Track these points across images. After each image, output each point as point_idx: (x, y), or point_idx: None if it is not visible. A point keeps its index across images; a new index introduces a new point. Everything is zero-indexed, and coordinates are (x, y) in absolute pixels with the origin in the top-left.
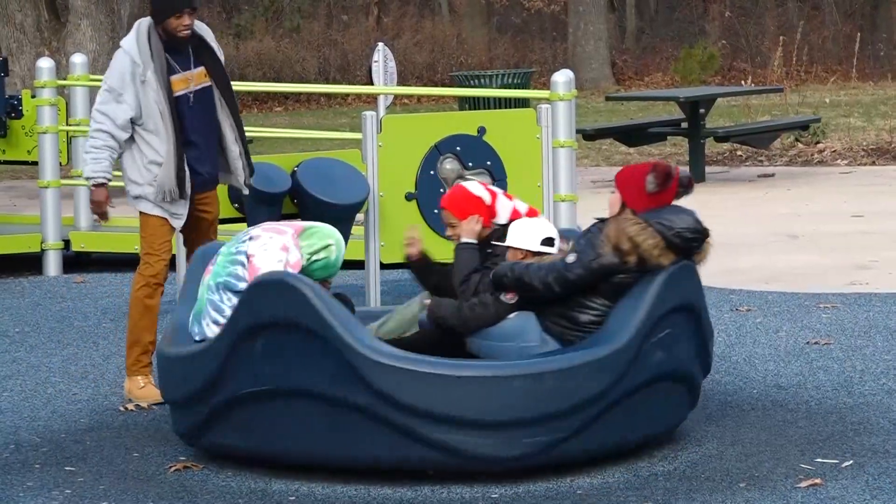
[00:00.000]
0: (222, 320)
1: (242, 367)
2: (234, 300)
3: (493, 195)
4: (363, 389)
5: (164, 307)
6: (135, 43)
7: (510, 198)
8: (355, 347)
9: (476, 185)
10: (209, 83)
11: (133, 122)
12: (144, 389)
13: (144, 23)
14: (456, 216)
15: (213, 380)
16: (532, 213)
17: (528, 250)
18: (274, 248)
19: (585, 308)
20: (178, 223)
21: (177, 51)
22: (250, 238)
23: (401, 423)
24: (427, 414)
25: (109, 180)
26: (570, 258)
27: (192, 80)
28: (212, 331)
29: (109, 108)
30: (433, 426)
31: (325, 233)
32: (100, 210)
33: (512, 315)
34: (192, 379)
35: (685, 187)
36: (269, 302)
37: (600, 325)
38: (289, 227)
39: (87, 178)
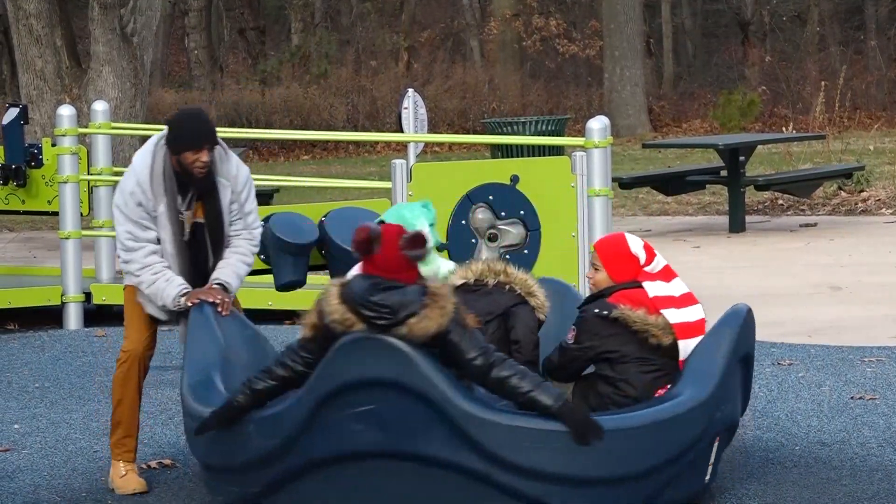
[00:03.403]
0: None
1: (326, 429)
2: None
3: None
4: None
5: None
6: None
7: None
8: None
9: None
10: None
11: None
12: (125, 478)
13: None
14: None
15: (289, 443)
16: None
17: None
18: None
19: None
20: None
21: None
22: None
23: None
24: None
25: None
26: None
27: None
28: None
29: None
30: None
31: None
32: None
33: None
34: (260, 443)
35: (410, 248)
36: (358, 361)
37: None
38: None
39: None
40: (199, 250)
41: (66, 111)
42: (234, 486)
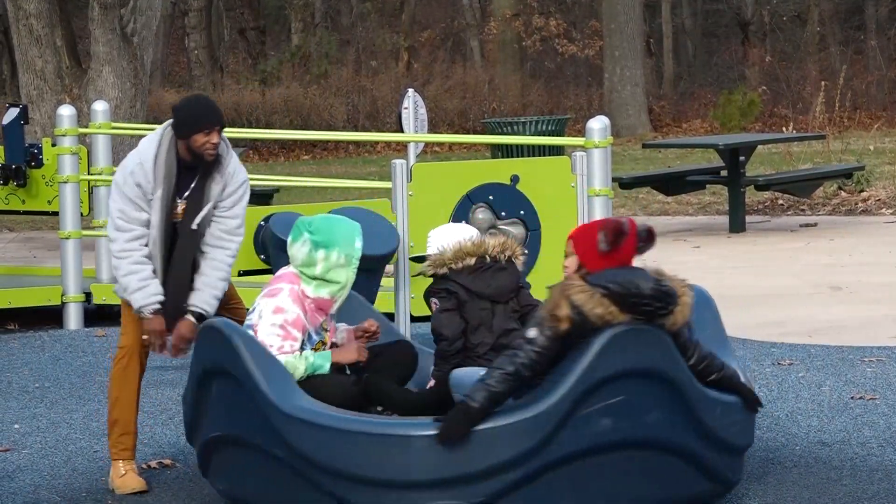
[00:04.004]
0: None
1: (581, 424)
2: None
3: None
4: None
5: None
6: None
7: None
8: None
9: None
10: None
11: None
12: (124, 477)
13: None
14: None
15: (542, 443)
16: None
17: None
18: (268, 314)
19: None
20: None
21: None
22: (253, 309)
23: None
24: None
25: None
26: (531, 333)
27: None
28: None
29: None
30: None
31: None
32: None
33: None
34: (507, 448)
35: (645, 242)
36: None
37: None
38: (279, 282)
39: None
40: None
41: (66, 111)
42: (441, 499)
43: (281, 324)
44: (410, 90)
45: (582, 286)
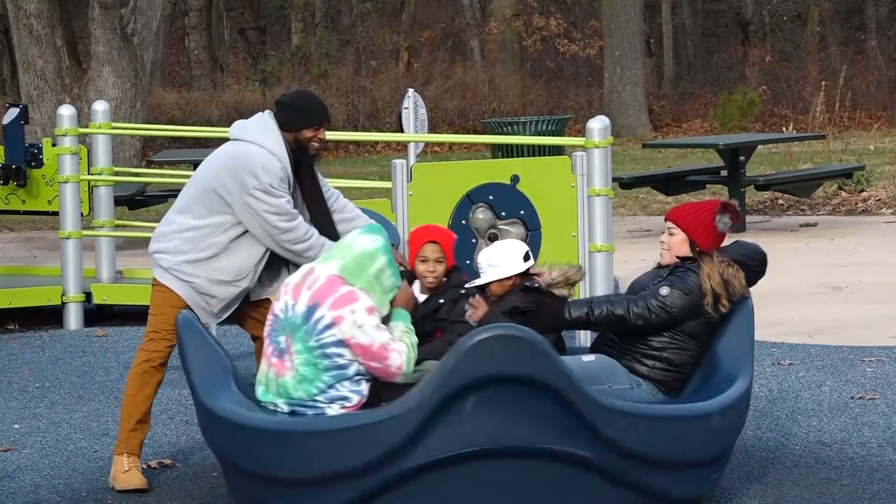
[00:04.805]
0: (349, 405)
1: None
2: (355, 383)
3: None
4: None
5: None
6: None
7: None
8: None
9: None
10: None
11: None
12: (128, 473)
13: None
14: None
15: None
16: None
17: (517, 274)
18: (365, 317)
19: (682, 349)
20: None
21: None
22: (328, 326)
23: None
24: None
25: None
26: (664, 290)
27: None
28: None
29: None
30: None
31: (364, 256)
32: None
33: (592, 357)
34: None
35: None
36: None
37: (694, 366)
38: (341, 287)
39: None
40: None
41: (66, 111)
42: (717, 472)
43: (378, 322)
44: (410, 90)
45: (728, 262)
